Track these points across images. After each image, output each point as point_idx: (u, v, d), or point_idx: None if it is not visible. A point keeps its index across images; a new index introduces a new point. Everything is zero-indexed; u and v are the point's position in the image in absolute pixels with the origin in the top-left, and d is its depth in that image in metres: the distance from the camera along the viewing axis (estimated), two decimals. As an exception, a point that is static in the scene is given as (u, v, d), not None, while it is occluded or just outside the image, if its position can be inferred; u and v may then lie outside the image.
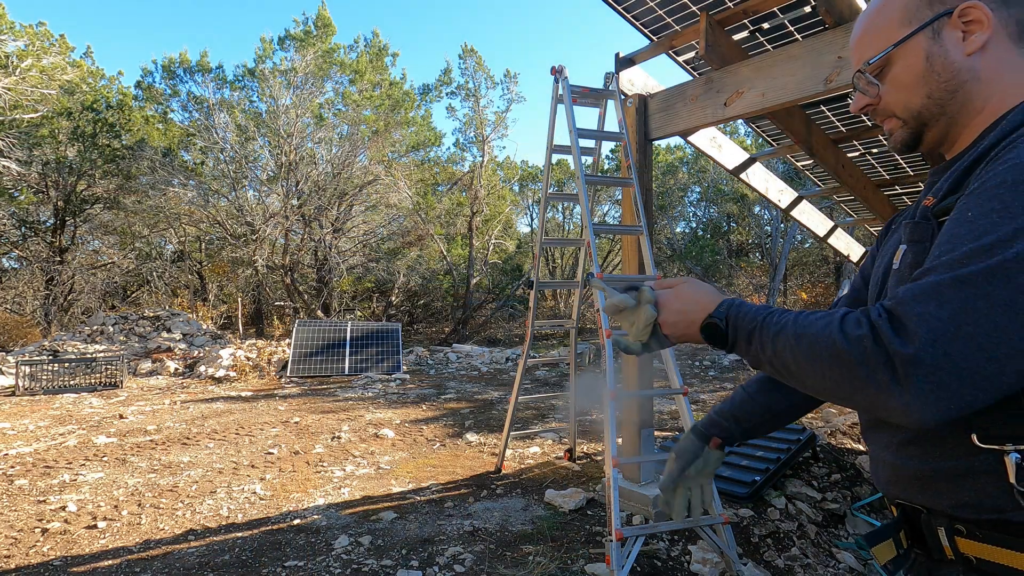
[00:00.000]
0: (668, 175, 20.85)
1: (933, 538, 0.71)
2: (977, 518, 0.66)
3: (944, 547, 0.70)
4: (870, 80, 0.80)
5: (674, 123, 3.34)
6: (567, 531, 3.01)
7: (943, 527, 0.69)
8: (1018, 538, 0.63)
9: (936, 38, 0.73)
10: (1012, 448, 0.61)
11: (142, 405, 7.11)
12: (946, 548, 0.70)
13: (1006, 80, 0.72)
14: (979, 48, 0.71)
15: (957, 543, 0.68)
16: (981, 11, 0.70)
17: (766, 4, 2.87)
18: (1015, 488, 0.61)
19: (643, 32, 3.29)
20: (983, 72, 0.72)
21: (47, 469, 4.29)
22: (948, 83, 0.73)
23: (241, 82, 16.54)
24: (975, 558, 0.67)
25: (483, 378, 9.66)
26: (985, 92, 0.72)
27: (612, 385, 2.64)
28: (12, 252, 16.41)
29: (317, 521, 3.22)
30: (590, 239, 3.02)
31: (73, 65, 15.39)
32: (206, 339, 11.88)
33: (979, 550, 0.66)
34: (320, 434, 5.42)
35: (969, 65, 0.72)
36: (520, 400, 4.14)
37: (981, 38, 0.71)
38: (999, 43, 0.71)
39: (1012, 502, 0.62)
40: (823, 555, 3.08)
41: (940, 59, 0.73)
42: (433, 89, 19.03)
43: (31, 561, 2.77)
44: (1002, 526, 0.64)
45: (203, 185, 15.79)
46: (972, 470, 0.65)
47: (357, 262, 17.43)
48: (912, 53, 0.75)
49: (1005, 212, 0.57)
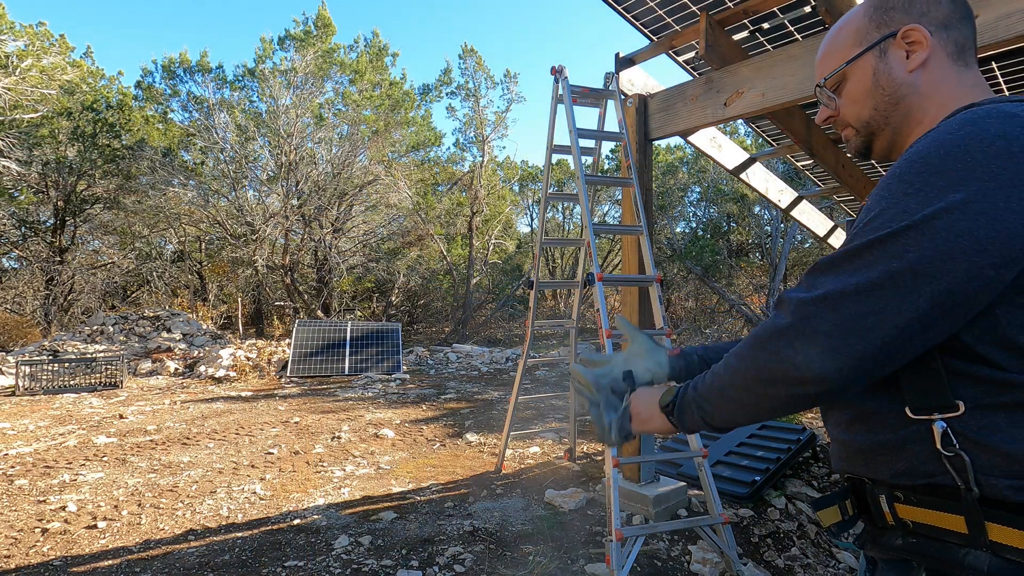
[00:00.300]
0: (668, 175, 20.84)
1: (876, 506, 0.78)
2: (912, 484, 0.73)
3: (885, 513, 0.77)
4: (829, 94, 0.90)
5: (674, 123, 3.34)
6: (567, 531, 3.01)
7: (884, 495, 0.76)
8: (944, 500, 0.70)
9: (883, 57, 0.83)
10: (939, 417, 0.69)
11: (142, 405, 7.11)
12: (887, 514, 0.77)
13: (944, 94, 0.80)
14: (919, 65, 0.80)
15: (896, 509, 0.75)
16: (921, 33, 0.79)
17: (766, 4, 2.87)
18: (941, 453, 0.68)
19: (643, 32, 3.29)
20: (923, 87, 0.81)
21: (47, 469, 4.29)
22: (891, 96, 0.83)
23: (241, 82, 16.53)
24: (911, 522, 0.74)
25: (483, 378, 9.66)
26: (924, 105, 0.81)
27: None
28: (12, 252, 16.41)
29: (317, 521, 3.22)
30: (590, 239, 3.02)
31: (73, 65, 15.39)
32: (206, 339, 11.88)
33: (914, 514, 0.73)
34: (320, 434, 5.42)
35: (910, 80, 0.81)
36: (520, 400, 4.14)
37: (921, 56, 0.80)
38: (938, 61, 0.80)
39: (940, 467, 0.69)
40: (823, 555, 3.08)
41: (885, 75, 0.83)
42: (433, 89, 19.02)
43: (31, 561, 2.77)
44: (931, 490, 0.71)
45: (203, 185, 15.78)
46: (907, 440, 0.72)
47: (357, 262, 17.42)
48: (862, 70, 0.85)
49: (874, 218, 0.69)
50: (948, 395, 0.68)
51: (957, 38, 0.80)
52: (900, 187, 0.67)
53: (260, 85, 15.61)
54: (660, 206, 18.33)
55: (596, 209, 20.29)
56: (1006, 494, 0.65)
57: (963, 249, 0.61)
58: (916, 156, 0.68)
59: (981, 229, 0.61)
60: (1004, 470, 0.65)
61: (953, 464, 0.68)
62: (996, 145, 0.63)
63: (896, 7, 0.82)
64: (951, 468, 0.68)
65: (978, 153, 0.63)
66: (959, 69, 0.80)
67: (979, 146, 0.63)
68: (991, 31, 2.14)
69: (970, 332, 0.67)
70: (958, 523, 0.68)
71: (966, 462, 0.67)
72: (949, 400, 0.68)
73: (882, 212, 0.67)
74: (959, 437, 0.67)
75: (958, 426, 0.67)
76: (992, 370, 0.66)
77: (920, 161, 0.67)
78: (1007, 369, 0.65)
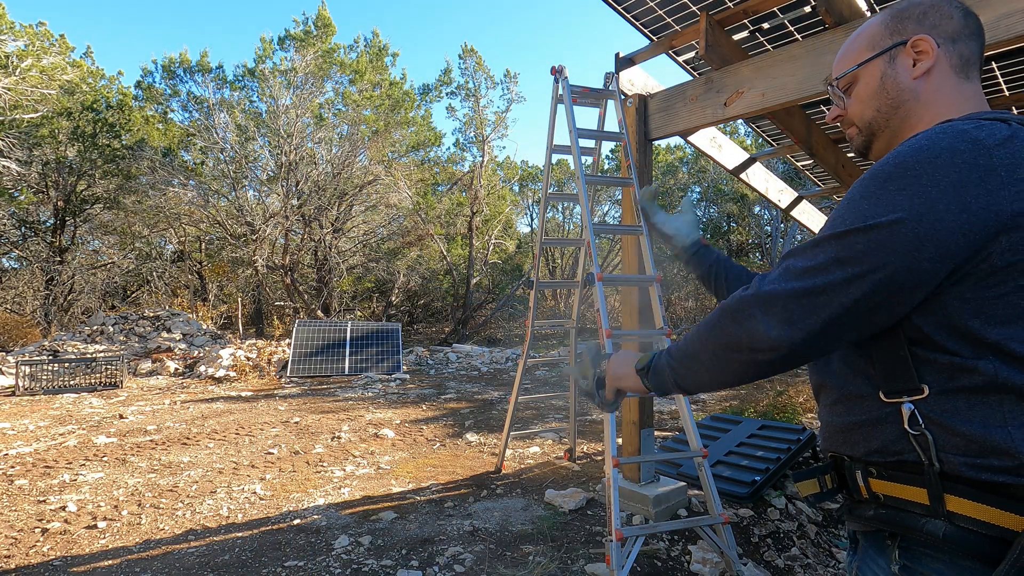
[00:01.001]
0: (668, 175, 20.84)
1: (853, 481, 0.87)
2: (884, 461, 0.81)
3: (861, 487, 0.86)
4: (840, 94, 0.97)
5: (674, 123, 3.34)
6: (567, 531, 3.01)
7: (860, 470, 0.85)
8: (910, 474, 0.78)
9: (892, 62, 0.89)
10: (907, 399, 0.77)
11: (142, 405, 7.11)
12: (862, 488, 0.85)
13: (941, 103, 0.86)
14: (923, 74, 0.87)
15: (870, 483, 0.84)
16: (929, 43, 0.86)
17: (766, 4, 2.87)
18: (908, 432, 0.77)
19: (643, 32, 3.29)
20: (923, 94, 0.87)
21: (47, 469, 4.29)
22: (893, 100, 0.89)
23: (241, 82, 16.52)
24: (882, 495, 0.83)
25: (483, 378, 9.65)
26: (922, 111, 0.87)
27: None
28: (12, 252, 16.41)
29: (317, 521, 3.22)
30: (590, 239, 3.02)
31: (73, 65, 15.39)
32: (206, 339, 11.88)
33: (885, 488, 0.82)
34: (320, 434, 5.42)
35: (913, 87, 0.88)
36: (520, 400, 4.13)
37: (925, 65, 0.86)
38: (942, 72, 0.86)
39: (908, 445, 0.77)
40: (823, 555, 3.08)
41: (891, 79, 0.89)
42: (433, 89, 18.99)
43: (31, 561, 2.77)
44: (899, 466, 0.80)
45: (203, 185, 15.77)
46: (880, 421, 0.81)
47: (357, 262, 17.42)
48: (871, 73, 0.92)
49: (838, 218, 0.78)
50: (915, 380, 0.77)
51: (963, 52, 0.86)
52: (862, 191, 0.76)
53: (260, 85, 15.61)
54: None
55: (596, 209, 20.26)
56: (962, 470, 0.73)
57: (904, 246, 0.71)
58: (880, 165, 0.77)
59: (922, 229, 0.70)
60: (961, 449, 0.73)
61: (919, 442, 0.76)
62: (942, 158, 0.72)
63: (911, 18, 0.88)
64: (917, 446, 0.76)
65: (927, 164, 0.72)
66: (960, 81, 0.86)
67: (928, 158, 0.72)
68: (991, 31, 2.14)
69: (928, 322, 0.75)
70: (921, 495, 0.77)
71: (929, 440, 0.75)
72: (916, 384, 0.77)
73: (845, 212, 0.77)
74: (924, 419, 0.76)
75: (924, 408, 0.76)
76: (950, 357, 0.74)
77: (881, 170, 0.76)
78: (962, 355, 0.73)
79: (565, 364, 5.30)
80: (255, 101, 16.41)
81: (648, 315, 3.27)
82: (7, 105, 12.82)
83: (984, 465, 0.71)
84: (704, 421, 4.77)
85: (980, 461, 0.71)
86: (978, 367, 0.72)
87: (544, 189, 3.90)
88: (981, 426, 0.71)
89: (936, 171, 0.71)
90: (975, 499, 0.72)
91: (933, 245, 0.70)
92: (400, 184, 16.72)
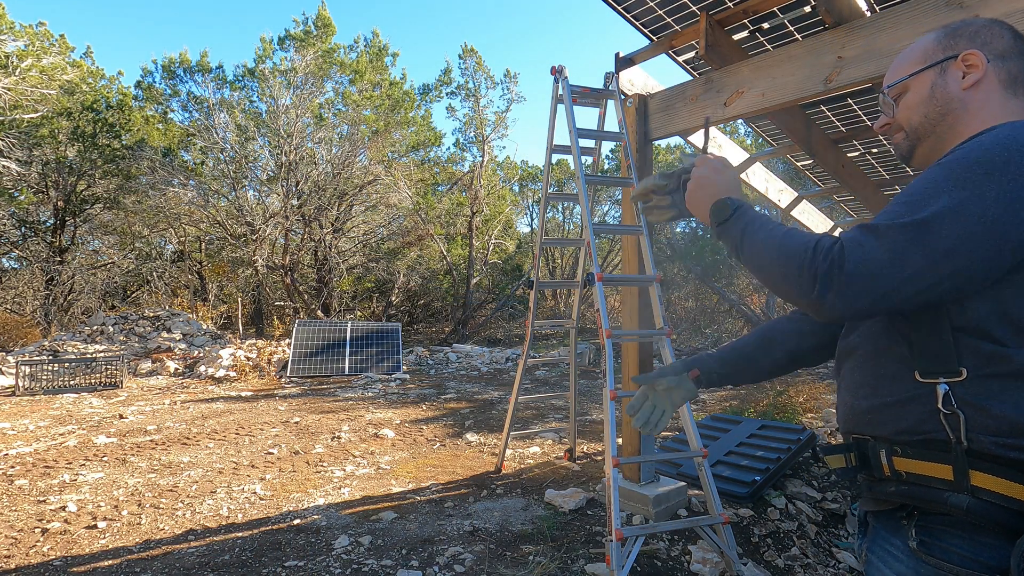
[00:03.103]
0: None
1: (876, 459, 0.92)
2: (911, 439, 0.87)
3: (883, 465, 0.91)
4: (890, 102, 1.03)
5: (674, 123, 3.34)
6: (567, 531, 3.01)
7: (884, 449, 0.90)
8: (936, 452, 0.84)
9: (942, 74, 0.95)
10: (943, 380, 0.82)
11: (142, 405, 7.11)
12: (884, 466, 0.91)
13: (987, 114, 0.91)
14: (971, 85, 0.92)
15: (893, 462, 0.89)
16: (979, 58, 0.92)
17: (766, 4, 2.87)
18: (940, 411, 0.82)
19: (643, 32, 3.29)
20: (971, 104, 0.92)
21: (47, 469, 4.29)
22: (941, 108, 0.95)
23: (241, 82, 16.51)
24: (905, 472, 0.88)
25: (483, 378, 9.66)
26: (969, 120, 0.92)
27: (612, 385, 2.64)
28: (12, 252, 16.40)
29: (317, 521, 3.22)
30: (590, 239, 3.02)
31: (73, 65, 15.38)
32: (206, 339, 11.88)
33: (908, 465, 0.87)
34: (320, 434, 5.42)
35: (961, 97, 0.93)
36: (520, 400, 4.13)
37: (974, 77, 0.92)
38: (990, 85, 0.92)
39: (937, 424, 0.83)
40: (823, 555, 3.08)
41: (941, 89, 0.95)
42: (433, 89, 18.99)
43: (31, 561, 2.77)
44: (926, 444, 0.85)
45: (203, 185, 15.77)
46: (911, 401, 0.86)
47: (357, 262, 17.41)
48: (922, 83, 0.97)
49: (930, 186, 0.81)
50: (955, 363, 0.82)
51: (1012, 69, 0.92)
52: (944, 175, 0.81)
53: (260, 85, 15.60)
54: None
55: (596, 209, 20.26)
56: (990, 448, 0.78)
57: (975, 225, 0.75)
58: (961, 154, 0.81)
59: (994, 213, 0.75)
60: (991, 429, 0.78)
61: (949, 421, 0.82)
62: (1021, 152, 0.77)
63: (963, 35, 0.95)
64: (947, 425, 0.82)
65: (1002, 156, 0.77)
66: (1007, 96, 0.92)
67: (1002, 152, 0.77)
68: (991, 31, 2.14)
69: (984, 308, 0.80)
70: (945, 471, 0.82)
71: (961, 420, 0.80)
72: (954, 367, 0.82)
73: (927, 191, 0.81)
74: (957, 399, 0.81)
75: (958, 390, 0.81)
76: (994, 345, 0.79)
77: (963, 159, 0.80)
78: (1007, 344, 0.79)
79: (566, 363, 5.31)
80: (255, 101, 16.42)
81: (648, 315, 3.27)
82: (7, 105, 12.81)
83: (1013, 444, 0.77)
84: (704, 421, 4.77)
85: (1010, 440, 0.77)
86: (1015, 356, 0.78)
87: (544, 189, 3.90)
88: (1013, 408, 0.77)
89: (1013, 162, 0.76)
90: (1000, 475, 0.78)
91: (1001, 229, 0.75)
92: (400, 184, 16.71)
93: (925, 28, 2.29)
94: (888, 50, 2.39)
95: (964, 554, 0.81)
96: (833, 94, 2.84)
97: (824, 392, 6.95)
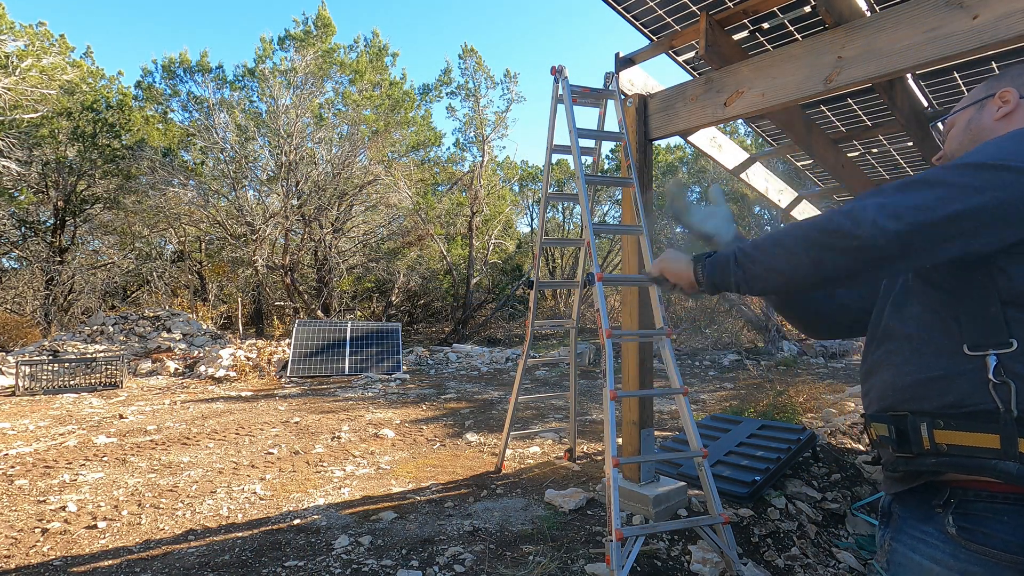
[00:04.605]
0: (668, 175, 20.83)
1: (915, 434, 0.94)
2: (955, 412, 0.90)
3: (923, 440, 0.93)
4: (942, 137, 1.20)
5: (674, 123, 3.34)
6: (567, 531, 3.01)
7: (925, 423, 0.93)
8: (981, 423, 0.87)
9: (980, 109, 1.10)
10: (992, 352, 0.87)
11: (142, 405, 7.11)
12: (924, 440, 0.93)
13: None
14: (1003, 117, 1.04)
15: (934, 435, 0.92)
16: (1012, 94, 1.05)
17: (766, 4, 2.87)
18: (991, 381, 0.86)
19: (643, 32, 3.29)
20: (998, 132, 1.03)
21: (47, 469, 4.29)
22: (974, 137, 1.08)
23: (241, 82, 16.51)
24: (946, 445, 0.90)
25: (483, 378, 9.66)
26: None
27: (612, 385, 2.64)
28: (12, 252, 16.40)
29: (317, 521, 3.22)
30: (590, 239, 3.02)
31: (73, 65, 15.38)
32: (206, 339, 11.88)
33: (950, 437, 0.90)
34: (320, 434, 5.42)
35: (992, 127, 1.06)
36: (520, 400, 4.13)
37: (1006, 109, 1.04)
38: (1020, 117, 1.03)
39: (986, 396, 0.87)
40: (823, 555, 3.08)
41: (975, 122, 1.09)
42: (433, 89, 18.99)
43: (31, 561, 2.77)
44: (970, 416, 0.88)
45: (203, 185, 15.77)
46: (960, 374, 0.90)
47: (357, 262, 17.40)
48: (963, 117, 1.13)
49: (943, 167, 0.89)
50: (1005, 334, 0.87)
51: None
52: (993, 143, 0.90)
53: (260, 85, 15.60)
54: (660, 206, 18.31)
55: (596, 209, 20.26)
56: None
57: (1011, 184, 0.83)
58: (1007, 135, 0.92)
59: None
60: None
61: (998, 392, 0.86)
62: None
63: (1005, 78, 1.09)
64: (996, 396, 0.86)
65: None
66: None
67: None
68: (991, 31, 2.14)
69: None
70: (992, 441, 0.86)
71: (1012, 389, 0.84)
72: (1005, 339, 0.87)
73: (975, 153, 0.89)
74: (1007, 370, 0.85)
75: (1008, 361, 0.86)
76: None
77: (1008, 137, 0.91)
78: None
79: (566, 363, 5.30)
80: (255, 101, 16.42)
81: (648, 315, 3.27)
82: (7, 105, 12.81)
83: None
84: (704, 421, 4.77)
85: None
86: None
87: (544, 189, 3.90)
88: None
89: None
90: None
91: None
92: (400, 184, 16.71)
93: (925, 28, 2.29)
94: (888, 50, 2.39)
95: (1007, 538, 0.83)
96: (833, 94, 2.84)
97: (824, 392, 6.95)
